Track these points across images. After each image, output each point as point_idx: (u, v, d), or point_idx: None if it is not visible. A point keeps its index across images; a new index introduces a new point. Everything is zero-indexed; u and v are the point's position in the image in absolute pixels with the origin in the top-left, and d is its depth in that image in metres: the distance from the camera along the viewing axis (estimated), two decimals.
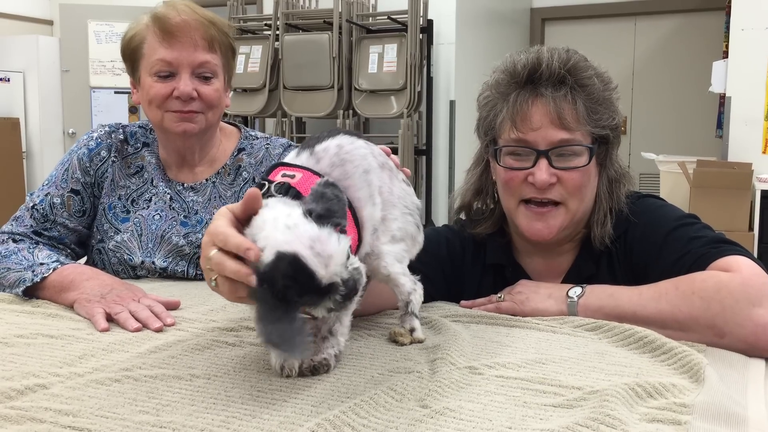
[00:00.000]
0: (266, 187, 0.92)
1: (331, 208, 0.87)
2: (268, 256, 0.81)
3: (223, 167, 1.56)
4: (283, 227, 0.84)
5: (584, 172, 1.21)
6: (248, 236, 0.85)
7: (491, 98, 1.26)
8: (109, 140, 1.56)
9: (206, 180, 1.55)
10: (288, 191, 0.91)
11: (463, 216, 1.39)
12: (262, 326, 0.81)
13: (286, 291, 0.80)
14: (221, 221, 0.87)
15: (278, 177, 0.94)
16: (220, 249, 0.84)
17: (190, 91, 1.43)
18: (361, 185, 0.99)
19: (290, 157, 1.00)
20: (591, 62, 1.25)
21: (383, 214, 1.03)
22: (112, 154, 1.55)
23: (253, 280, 0.81)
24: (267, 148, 1.59)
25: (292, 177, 0.93)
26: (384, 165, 1.05)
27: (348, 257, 0.84)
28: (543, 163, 1.19)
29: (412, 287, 1.07)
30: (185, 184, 1.55)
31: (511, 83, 1.23)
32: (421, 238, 1.11)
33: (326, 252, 0.82)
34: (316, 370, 0.92)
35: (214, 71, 1.47)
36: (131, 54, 1.49)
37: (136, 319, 1.16)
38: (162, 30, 1.43)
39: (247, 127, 1.71)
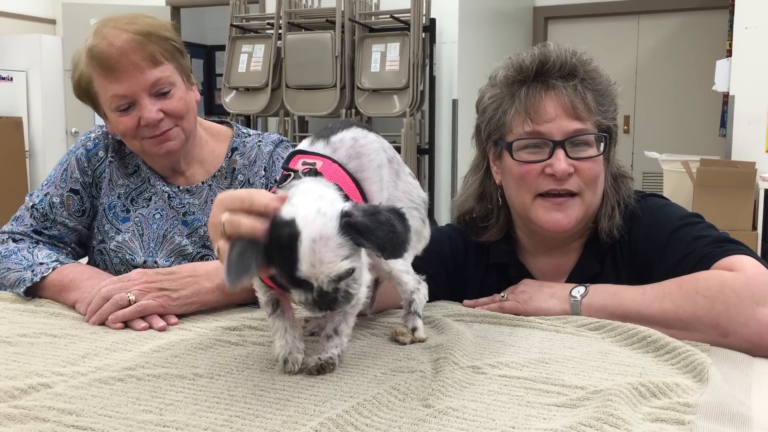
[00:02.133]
0: (292, 176, 0.92)
1: (371, 228, 0.83)
2: (287, 214, 0.82)
3: (219, 170, 1.56)
4: (316, 202, 0.84)
5: (598, 162, 1.21)
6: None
7: (497, 97, 1.25)
8: (106, 140, 1.56)
9: (202, 183, 1.55)
10: (316, 176, 0.92)
11: (467, 218, 1.39)
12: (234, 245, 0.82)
13: (267, 246, 0.82)
14: (243, 190, 0.88)
15: (299, 165, 0.94)
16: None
17: (155, 116, 1.40)
18: (375, 179, 0.99)
19: (304, 146, 1.00)
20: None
21: None
22: (109, 154, 1.55)
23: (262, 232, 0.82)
24: (259, 145, 1.58)
25: (314, 164, 0.94)
26: (392, 159, 1.05)
27: (348, 276, 0.84)
28: (560, 153, 1.19)
29: (415, 286, 1.07)
30: (181, 187, 1.55)
31: (519, 79, 1.23)
32: (427, 233, 1.11)
33: (320, 255, 0.81)
34: (322, 369, 0.92)
35: (170, 82, 1.43)
36: (86, 94, 1.46)
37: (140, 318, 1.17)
38: (102, 67, 1.38)
39: (250, 126, 1.70)
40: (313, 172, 0.92)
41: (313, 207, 0.83)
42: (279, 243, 0.81)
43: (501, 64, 1.27)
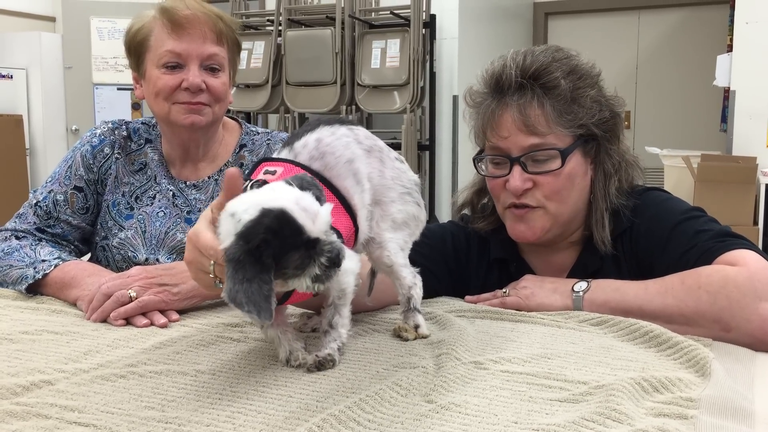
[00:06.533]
0: (245, 186, 0.91)
1: (309, 187, 0.87)
2: (250, 214, 0.80)
3: (226, 165, 1.56)
4: (266, 190, 0.84)
5: (560, 175, 1.20)
6: (222, 215, 0.84)
7: (469, 111, 1.28)
8: (112, 137, 1.56)
9: (208, 177, 1.55)
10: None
11: (466, 211, 1.39)
12: (229, 285, 0.79)
13: (263, 248, 0.79)
14: (199, 225, 0.87)
15: (260, 174, 0.94)
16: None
17: (200, 83, 1.43)
18: (346, 174, 0.98)
19: (274, 155, 1.00)
20: (569, 60, 1.22)
21: (378, 198, 1.02)
22: (115, 151, 1.55)
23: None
24: (268, 144, 1.59)
25: (274, 173, 0.94)
26: (372, 149, 1.03)
27: (330, 225, 0.84)
28: (516, 169, 1.20)
29: (412, 281, 1.06)
30: (188, 182, 1.55)
31: (483, 93, 1.25)
32: (423, 216, 1.10)
33: (312, 209, 0.82)
34: (321, 365, 0.91)
35: (221, 64, 1.48)
36: (137, 47, 1.48)
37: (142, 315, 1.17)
38: (171, 21, 1.43)
39: (250, 123, 1.71)
40: (259, 184, 0.90)
41: (263, 193, 0.84)
42: (270, 230, 0.79)
43: (479, 72, 1.27)
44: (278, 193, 0.83)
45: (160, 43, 1.44)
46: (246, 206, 0.81)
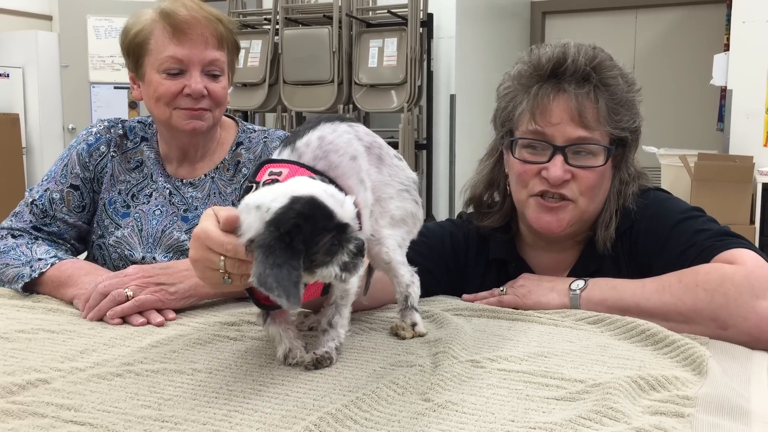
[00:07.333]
0: (254, 188, 0.91)
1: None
2: (280, 202, 0.82)
3: (222, 162, 1.56)
4: (291, 182, 0.86)
5: (599, 173, 1.20)
6: (241, 210, 0.85)
7: (512, 89, 1.25)
8: (108, 135, 1.56)
9: (205, 175, 1.55)
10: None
11: (471, 209, 1.38)
12: (259, 269, 0.80)
13: (294, 233, 0.80)
14: (207, 223, 0.87)
15: (265, 176, 0.94)
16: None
17: (202, 89, 1.43)
18: (350, 173, 0.98)
19: (275, 155, 1.00)
20: (616, 62, 1.24)
21: (378, 195, 1.02)
22: (111, 149, 1.55)
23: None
24: (265, 141, 1.58)
25: (279, 174, 0.94)
26: (372, 145, 1.04)
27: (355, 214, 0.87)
28: (558, 158, 1.18)
29: (410, 279, 1.06)
30: (184, 180, 1.55)
31: (534, 75, 1.22)
32: (421, 214, 1.10)
33: (339, 196, 0.85)
34: (319, 363, 0.91)
35: (222, 69, 1.47)
36: (136, 49, 1.47)
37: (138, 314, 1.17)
38: (172, 26, 1.41)
39: (247, 122, 1.70)
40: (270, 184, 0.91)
41: (290, 184, 0.86)
42: (302, 215, 0.81)
43: (524, 54, 1.26)
44: (305, 184, 0.85)
45: (161, 47, 1.43)
46: (274, 196, 0.83)
